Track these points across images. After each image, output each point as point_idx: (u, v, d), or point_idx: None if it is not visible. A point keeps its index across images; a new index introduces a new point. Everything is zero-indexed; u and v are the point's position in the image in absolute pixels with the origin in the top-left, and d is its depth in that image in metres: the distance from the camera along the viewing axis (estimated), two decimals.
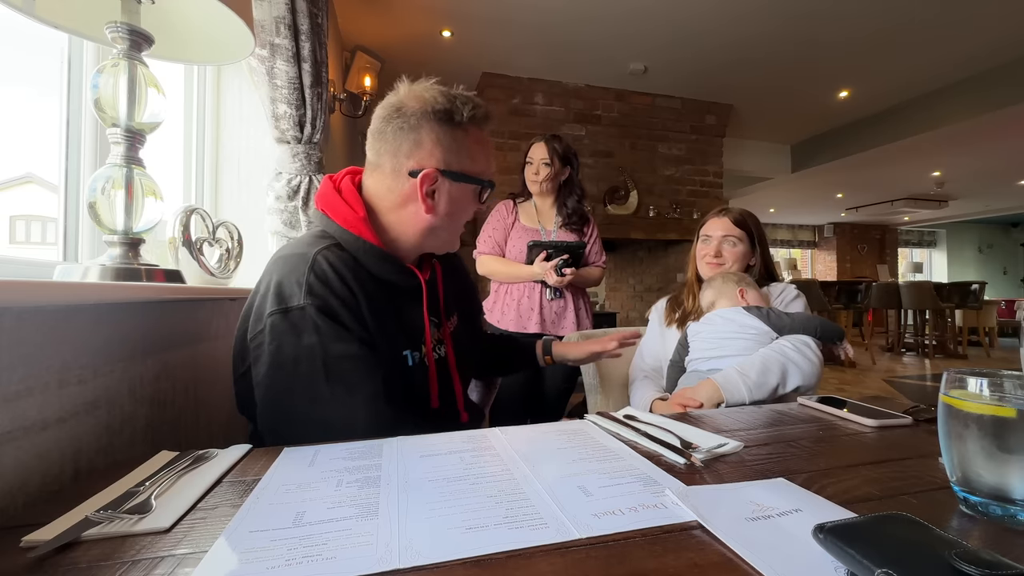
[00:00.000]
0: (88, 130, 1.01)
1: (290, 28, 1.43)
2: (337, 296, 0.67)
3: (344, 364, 0.66)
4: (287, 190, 1.50)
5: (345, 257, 0.71)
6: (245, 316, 0.72)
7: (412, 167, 0.74)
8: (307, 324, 0.65)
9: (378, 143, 0.76)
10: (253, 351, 0.68)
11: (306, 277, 0.66)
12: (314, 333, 0.65)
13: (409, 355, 0.77)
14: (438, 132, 0.74)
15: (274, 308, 0.66)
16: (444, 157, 0.74)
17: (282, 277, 0.67)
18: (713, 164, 4.64)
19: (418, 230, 0.78)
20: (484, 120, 0.78)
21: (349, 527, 0.38)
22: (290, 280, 0.67)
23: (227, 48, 0.92)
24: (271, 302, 0.66)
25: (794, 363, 1.02)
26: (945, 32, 3.35)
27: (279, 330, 0.65)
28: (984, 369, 0.43)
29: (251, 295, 0.73)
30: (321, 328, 0.65)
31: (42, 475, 0.51)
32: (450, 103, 0.74)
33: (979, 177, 6.58)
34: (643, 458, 0.54)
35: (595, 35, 3.41)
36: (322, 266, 0.68)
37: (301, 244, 0.73)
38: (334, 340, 0.66)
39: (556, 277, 1.69)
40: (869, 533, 0.34)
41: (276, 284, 0.67)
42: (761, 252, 1.28)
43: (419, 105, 0.74)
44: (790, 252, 10.51)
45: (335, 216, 0.75)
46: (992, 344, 6.48)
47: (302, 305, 0.65)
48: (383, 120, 0.76)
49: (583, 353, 1.10)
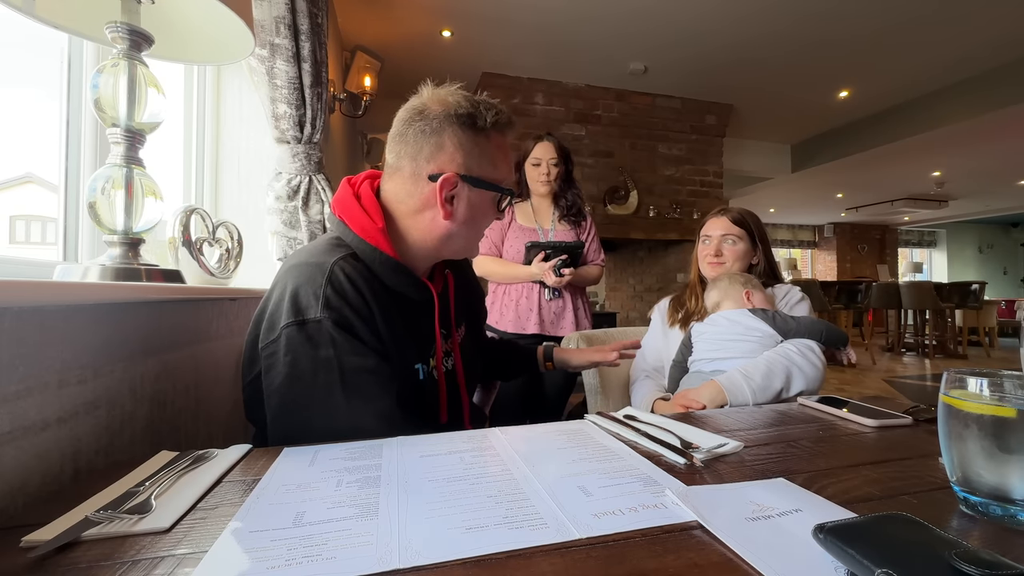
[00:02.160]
0: (88, 130, 1.01)
1: (290, 28, 1.43)
2: (354, 309, 0.66)
3: (361, 377, 0.65)
4: (287, 190, 1.50)
5: (360, 268, 0.70)
6: (257, 322, 0.71)
7: (432, 171, 0.73)
8: (324, 337, 0.64)
9: (399, 146, 0.75)
10: (265, 360, 0.67)
11: (323, 289, 0.65)
12: (331, 346, 0.64)
13: (421, 368, 0.76)
14: (460, 136, 0.73)
15: (290, 320, 0.65)
16: (465, 162, 0.73)
17: (298, 287, 0.66)
18: (713, 164, 4.64)
19: (435, 236, 0.77)
20: (507, 127, 0.77)
21: (349, 527, 0.38)
22: (307, 291, 0.66)
23: (227, 48, 0.92)
24: (287, 313, 0.65)
25: (799, 367, 1.01)
26: (945, 32, 3.36)
27: (296, 342, 0.64)
28: (984, 369, 0.43)
29: (263, 300, 0.71)
30: (338, 341, 0.64)
31: (42, 475, 0.51)
32: (474, 108, 0.73)
33: (979, 177, 6.58)
34: (643, 458, 0.54)
35: (595, 35, 3.41)
36: (339, 278, 0.67)
37: (317, 252, 0.71)
38: (351, 353, 0.65)
39: (555, 278, 1.68)
40: (869, 533, 0.34)
41: (292, 294, 0.66)
42: (763, 250, 1.27)
43: (442, 108, 0.73)
44: (790, 252, 10.50)
45: (353, 224, 0.74)
46: (992, 344, 6.48)
47: (319, 318, 0.64)
48: (405, 123, 0.74)
49: (584, 360, 1.09)
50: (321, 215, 1.57)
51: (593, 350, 1.10)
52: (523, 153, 1.84)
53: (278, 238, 1.52)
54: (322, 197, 1.57)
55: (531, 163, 1.81)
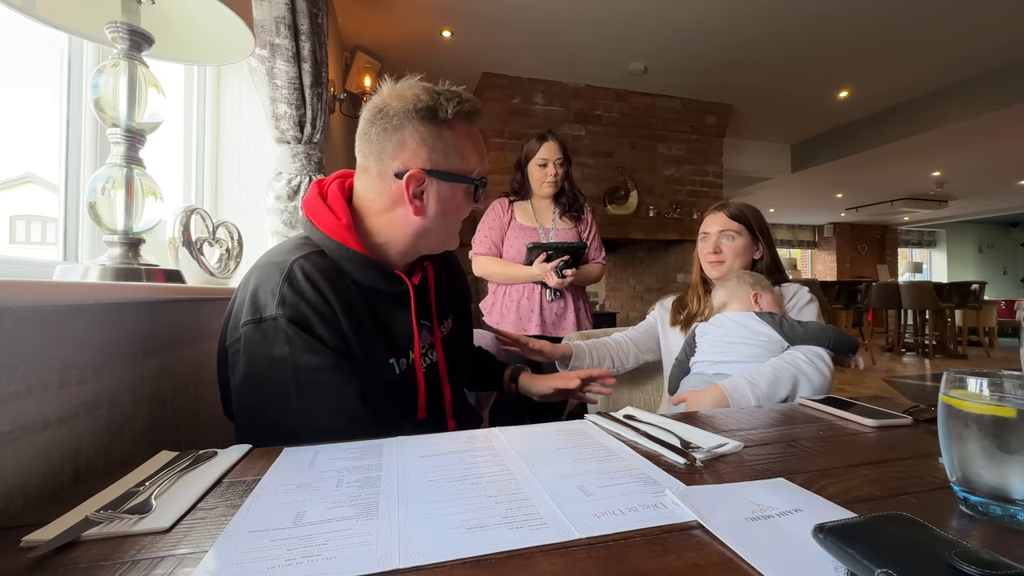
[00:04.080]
0: (88, 130, 1.01)
1: (290, 28, 1.43)
2: (311, 306, 0.66)
3: (316, 376, 0.65)
4: (287, 190, 1.50)
5: (326, 265, 0.70)
6: (225, 322, 0.71)
7: (397, 168, 0.73)
8: (279, 335, 0.64)
9: (364, 146, 0.75)
10: (231, 358, 0.67)
11: (280, 287, 0.65)
12: (286, 344, 0.64)
13: (396, 363, 0.75)
14: (422, 131, 0.72)
15: (248, 318, 0.65)
16: (430, 156, 0.73)
17: (258, 286, 0.67)
18: (713, 164, 4.65)
19: (408, 233, 0.76)
20: (471, 115, 0.75)
21: (349, 527, 0.38)
22: (264, 290, 0.66)
23: (227, 48, 0.92)
24: (246, 311, 0.66)
25: (806, 376, 0.99)
26: (945, 32, 3.36)
27: (251, 340, 0.65)
28: (984, 369, 0.43)
29: (231, 301, 0.72)
30: (293, 339, 0.64)
31: (42, 475, 0.51)
32: (433, 100, 0.72)
33: (979, 177, 6.58)
34: (643, 458, 0.54)
35: (595, 35, 3.41)
36: (297, 275, 0.67)
37: (281, 251, 0.72)
38: (306, 351, 0.65)
39: (557, 279, 1.67)
40: (869, 533, 0.34)
41: (252, 293, 0.66)
42: (766, 245, 1.23)
43: (401, 104, 0.72)
44: (790, 252, 10.50)
45: (318, 222, 0.74)
46: (992, 344, 6.48)
47: (274, 316, 0.64)
48: (367, 122, 0.74)
49: (546, 388, 1.05)
50: None
51: (557, 377, 1.06)
52: (526, 153, 1.82)
53: (278, 238, 1.52)
54: None
55: (537, 163, 1.79)
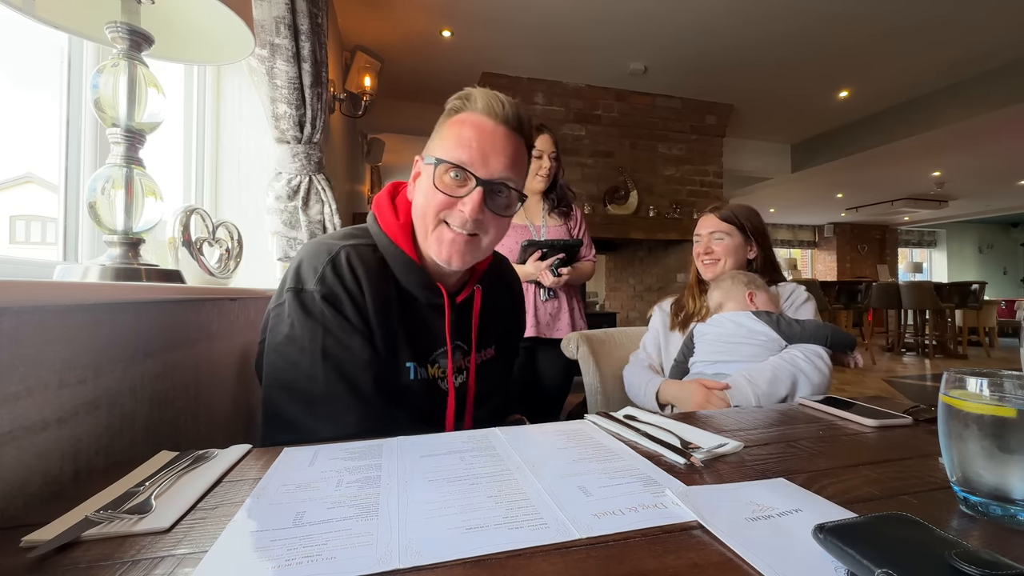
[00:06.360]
0: (88, 130, 1.01)
1: (290, 28, 1.43)
2: (345, 289, 0.70)
3: (341, 352, 0.69)
4: (287, 190, 1.50)
5: (374, 258, 0.74)
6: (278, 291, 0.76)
7: None
8: (315, 308, 0.69)
9: None
10: (273, 319, 0.72)
11: (324, 267, 0.70)
12: (319, 317, 0.69)
13: (412, 368, 0.76)
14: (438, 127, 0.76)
15: (291, 286, 0.71)
16: (430, 145, 0.76)
17: (303, 260, 0.72)
18: (713, 164, 4.65)
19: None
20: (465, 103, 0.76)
21: (349, 527, 0.38)
22: (309, 264, 0.71)
23: (227, 48, 0.92)
24: (290, 279, 0.71)
25: (805, 374, 1.00)
26: (945, 32, 3.36)
27: (291, 307, 0.70)
28: (984, 369, 0.43)
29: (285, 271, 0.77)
30: (326, 314, 0.69)
31: (42, 475, 0.51)
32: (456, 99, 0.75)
33: (979, 177, 6.58)
34: (643, 458, 0.54)
35: (595, 35, 3.41)
36: (340, 260, 0.71)
37: (336, 236, 0.77)
38: (335, 328, 0.69)
39: (552, 278, 1.66)
40: (869, 533, 0.34)
41: (298, 264, 0.72)
42: (759, 245, 1.24)
43: None
44: (790, 252, 10.51)
45: (379, 217, 0.78)
46: (992, 344, 6.49)
47: (312, 289, 0.70)
48: None
49: None
50: (321, 215, 1.57)
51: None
52: None
53: (278, 238, 1.52)
54: (322, 197, 1.57)
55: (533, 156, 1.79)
